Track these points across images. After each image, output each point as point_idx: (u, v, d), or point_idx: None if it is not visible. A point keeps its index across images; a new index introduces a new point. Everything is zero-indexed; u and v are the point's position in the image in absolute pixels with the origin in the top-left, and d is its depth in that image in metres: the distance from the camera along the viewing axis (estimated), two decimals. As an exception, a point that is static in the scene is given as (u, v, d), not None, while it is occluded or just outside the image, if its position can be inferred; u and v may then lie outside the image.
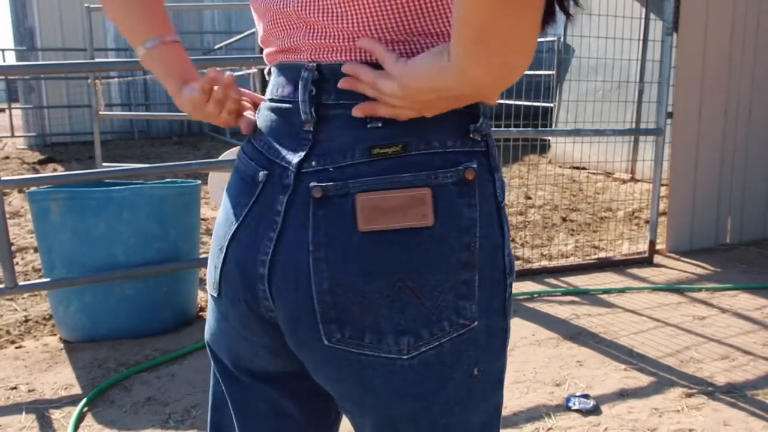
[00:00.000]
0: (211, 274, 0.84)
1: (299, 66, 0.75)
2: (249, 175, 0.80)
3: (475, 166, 0.71)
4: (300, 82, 0.74)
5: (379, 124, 0.70)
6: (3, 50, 11.96)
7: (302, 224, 0.72)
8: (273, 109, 0.80)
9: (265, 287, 0.75)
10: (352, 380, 0.74)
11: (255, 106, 0.90)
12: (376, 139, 0.70)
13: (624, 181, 7.11)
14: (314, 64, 0.74)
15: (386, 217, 0.68)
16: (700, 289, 3.67)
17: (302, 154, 0.74)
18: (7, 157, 9.94)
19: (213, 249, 0.84)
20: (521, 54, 0.61)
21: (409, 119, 0.70)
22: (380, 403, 0.74)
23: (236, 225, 0.79)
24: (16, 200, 6.44)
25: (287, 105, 0.77)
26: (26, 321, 3.31)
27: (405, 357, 0.71)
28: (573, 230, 5.14)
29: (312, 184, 0.71)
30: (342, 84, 0.72)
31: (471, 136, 0.73)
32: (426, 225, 0.69)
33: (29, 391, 2.52)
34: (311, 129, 0.74)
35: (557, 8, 0.75)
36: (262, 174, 0.77)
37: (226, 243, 0.80)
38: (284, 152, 0.76)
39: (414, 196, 0.68)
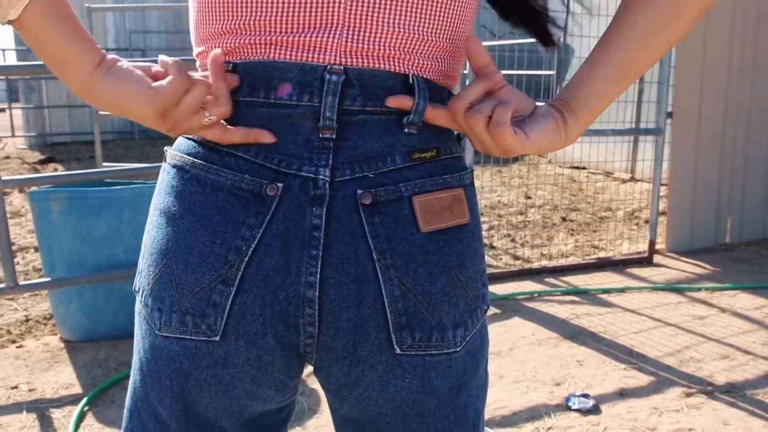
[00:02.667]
0: (194, 316, 0.70)
1: (318, 67, 0.68)
2: (244, 189, 0.69)
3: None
4: (326, 86, 0.68)
5: (415, 130, 0.72)
6: (3, 50, 11.97)
7: (354, 234, 0.69)
8: (267, 114, 0.70)
9: (314, 311, 0.69)
10: (415, 386, 0.73)
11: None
12: (412, 144, 0.71)
13: (624, 181, 7.11)
14: (341, 67, 0.68)
15: (440, 216, 0.71)
16: (699, 289, 3.67)
17: (328, 162, 0.69)
18: (7, 157, 9.95)
19: (186, 285, 0.70)
20: None
21: (436, 126, 0.73)
22: (439, 403, 0.74)
23: (248, 252, 0.69)
24: (16, 200, 6.45)
25: (290, 109, 0.69)
26: (27, 320, 3.32)
27: (459, 349, 0.74)
28: (573, 230, 5.15)
29: (359, 191, 0.69)
30: (393, 102, 0.70)
31: (460, 142, 0.80)
32: (466, 222, 0.73)
33: (30, 390, 2.53)
34: (332, 136, 0.69)
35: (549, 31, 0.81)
36: (273, 187, 0.68)
37: (239, 275, 0.69)
38: (297, 161, 0.69)
39: (455, 195, 0.72)
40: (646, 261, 4.20)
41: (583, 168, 7.73)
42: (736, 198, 4.59)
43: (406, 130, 0.71)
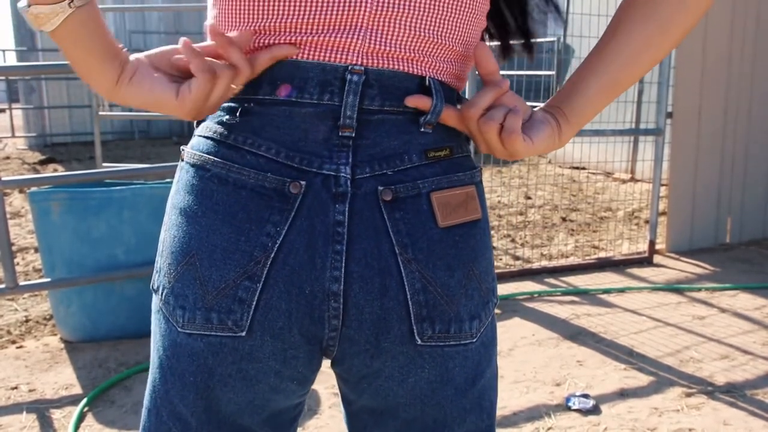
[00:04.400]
0: (219, 313, 0.71)
1: (339, 67, 0.70)
2: (267, 187, 0.70)
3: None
4: (347, 85, 0.70)
5: (430, 130, 0.74)
6: (3, 50, 11.97)
7: (376, 229, 0.71)
8: (288, 112, 0.72)
9: (338, 304, 0.71)
10: (434, 375, 0.76)
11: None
12: (428, 143, 0.74)
13: (624, 181, 7.11)
14: (362, 68, 0.71)
15: (456, 212, 0.74)
16: (699, 289, 3.67)
17: (348, 160, 0.71)
18: (7, 158, 9.95)
19: (210, 282, 0.71)
20: None
21: (448, 126, 0.76)
22: (456, 393, 0.77)
23: (274, 248, 0.70)
24: (16, 200, 6.45)
25: (311, 108, 0.71)
26: (27, 321, 3.32)
27: (474, 341, 0.77)
28: (573, 230, 5.15)
29: (380, 187, 0.71)
30: (412, 102, 0.72)
31: (469, 142, 0.81)
32: (478, 218, 0.77)
33: (30, 391, 2.53)
34: (352, 134, 0.71)
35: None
36: (296, 185, 0.70)
37: (265, 271, 0.70)
38: (318, 159, 0.71)
39: (468, 192, 0.76)
40: (646, 261, 4.20)
41: (583, 168, 7.73)
42: (736, 198, 4.59)
43: (422, 129, 0.74)
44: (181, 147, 0.78)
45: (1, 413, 2.36)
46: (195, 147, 0.76)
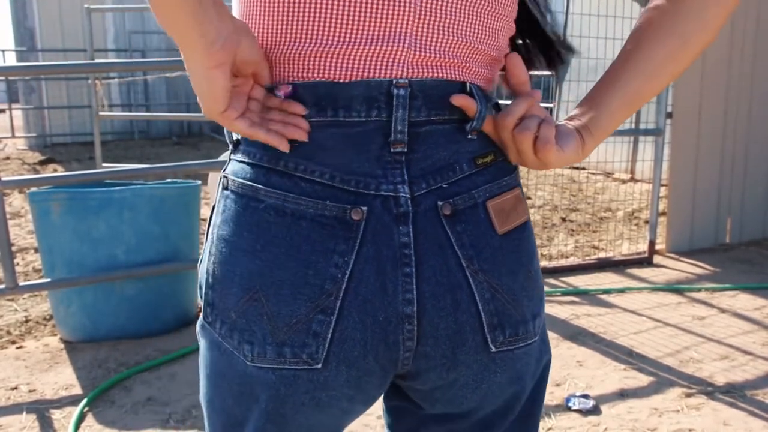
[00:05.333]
0: (292, 347, 0.70)
1: (384, 82, 0.69)
2: (327, 216, 0.69)
3: None
4: (395, 100, 0.69)
5: (475, 136, 0.74)
6: (3, 51, 11.97)
7: (441, 246, 0.71)
8: (338, 134, 0.69)
9: (413, 326, 0.70)
10: (505, 378, 0.77)
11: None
12: (475, 150, 0.74)
13: (624, 182, 7.11)
14: (406, 80, 0.69)
15: (510, 217, 0.75)
16: (699, 289, 3.67)
17: (404, 178, 0.70)
18: (7, 158, 9.95)
19: (280, 318, 0.70)
20: None
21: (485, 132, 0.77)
22: (523, 389, 0.80)
23: (344, 279, 0.69)
24: (16, 201, 6.45)
25: (360, 127, 0.69)
26: (27, 321, 3.32)
27: (536, 338, 0.79)
28: (573, 230, 5.15)
29: (439, 203, 0.71)
30: (458, 101, 0.71)
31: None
32: (527, 219, 0.78)
33: (30, 391, 2.53)
34: (404, 149, 0.70)
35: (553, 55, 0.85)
36: (358, 211, 0.68)
37: (338, 303, 0.69)
38: (374, 180, 0.69)
39: (516, 195, 0.77)
40: (646, 261, 4.20)
41: (583, 168, 7.73)
42: (736, 198, 4.59)
43: (469, 136, 0.73)
44: (222, 174, 0.75)
45: (1, 413, 2.36)
46: (239, 174, 0.72)
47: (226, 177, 0.74)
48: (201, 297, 0.77)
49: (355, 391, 0.73)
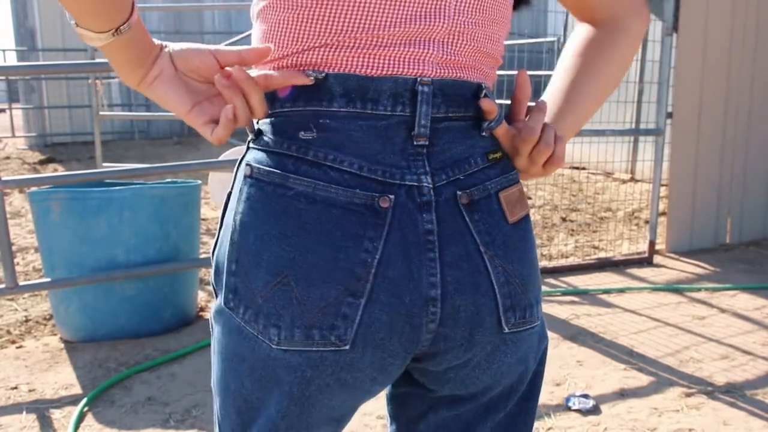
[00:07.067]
0: (321, 329, 0.73)
1: (409, 79, 0.73)
2: (357, 203, 0.72)
3: None
4: (420, 96, 0.73)
5: (488, 135, 0.81)
6: (3, 50, 11.97)
7: (460, 233, 0.76)
8: (366, 126, 0.73)
9: (437, 309, 0.75)
10: (513, 359, 0.82)
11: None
12: (486, 146, 0.80)
13: (624, 182, 7.11)
14: (430, 78, 0.74)
15: (516, 208, 0.81)
16: (699, 289, 3.67)
17: (426, 169, 0.75)
18: (7, 157, 9.95)
19: (310, 301, 0.72)
20: None
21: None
22: (527, 370, 0.85)
23: (374, 263, 0.72)
24: (16, 200, 6.45)
25: (385, 121, 0.73)
26: (27, 321, 3.32)
27: (539, 321, 0.85)
28: (573, 230, 5.15)
29: (458, 192, 0.76)
30: (486, 104, 0.77)
31: None
32: (528, 212, 0.84)
33: (30, 390, 2.53)
34: (426, 143, 0.75)
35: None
36: (386, 199, 0.73)
37: (367, 287, 0.72)
38: (398, 171, 0.74)
39: (520, 189, 0.82)
40: (646, 261, 4.20)
41: (583, 168, 7.73)
42: (736, 198, 4.59)
43: (484, 134, 0.79)
44: (246, 162, 0.77)
45: (1, 413, 2.36)
46: (265, 163, 0.75)
47: (250, 165, 0.76)
48: (218, 284, 0.78)
49: (378, 372, 0.77)
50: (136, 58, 0.72)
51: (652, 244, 4.23)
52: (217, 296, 0.80)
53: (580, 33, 0.92)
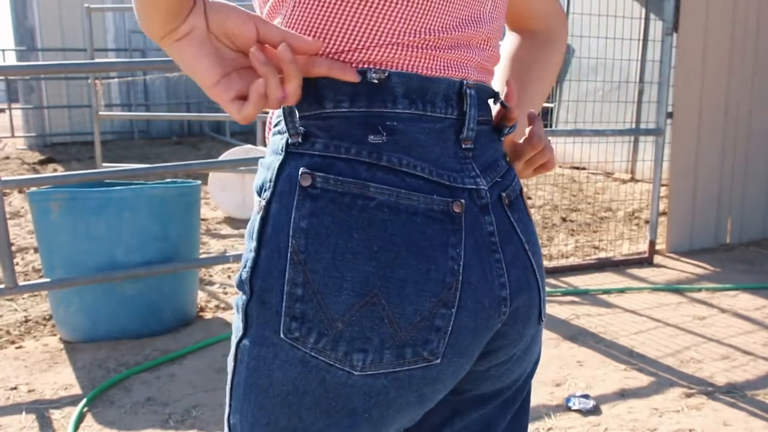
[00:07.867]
0: (414, 346, 0.68)
1: (457, 82, 0.72)
2: (435, 210, 0.69)
3: None
4: (468, 99, 0.73)
5: (503, 139, 0.84)
6: (3, 50, 11.96)
7: (510, 233, 0.77)
8: (427, 129, 0.70)
9: (507, 308, 0.75)
10: (537, 350, 0.86)
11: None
12: (502, 150, 0.83)
13: (624, 181, 7.11)
14: (473, 82, 0.74)
15: (526, 206, 0.84)
16: (700, 289, 3.67)
17: (476, 172, 0.75)
18: (7, 158, 9.95)
19: (403, 318, 0.68)
20: None
21: None
22: (536, 363, 0.87)
23: (460, 271, 0.70)
24: (16, 200, 6.45)
25: (441, 123, 0.71)
26: (26, 321, 3.32)
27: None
28: (573, 230, 5.14)
29: (502, 194, 0.78)
30: (513, 114, 0.81)
31: None
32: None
33: (29, 391, 2.52)
34: (472, 146, 0.74)
35: None
36: (458, 204, 0.70)
37: (458, 295, 0.69)
38: (458, 175, 0.72)
39: (522, 189, 0.86)
40: (646, 261, 4.20)
41: (583, 168, 7.73)
42: (736, 198, 4.59)
43: (501, 138, 0.82)
44: (302, 169, 0.67)
45: (1, 413, 2.36)
46: (332, 171, 0.67)
47: (309, 174, 0.67)
48: (263, 314, 0.69)
49: (454, 380, 0.74)
50: (177, 3, 0.61)
51: (652, 244, 4.22)
52: (249, 326, 0.70)
53: (514, 42, 0.97)
